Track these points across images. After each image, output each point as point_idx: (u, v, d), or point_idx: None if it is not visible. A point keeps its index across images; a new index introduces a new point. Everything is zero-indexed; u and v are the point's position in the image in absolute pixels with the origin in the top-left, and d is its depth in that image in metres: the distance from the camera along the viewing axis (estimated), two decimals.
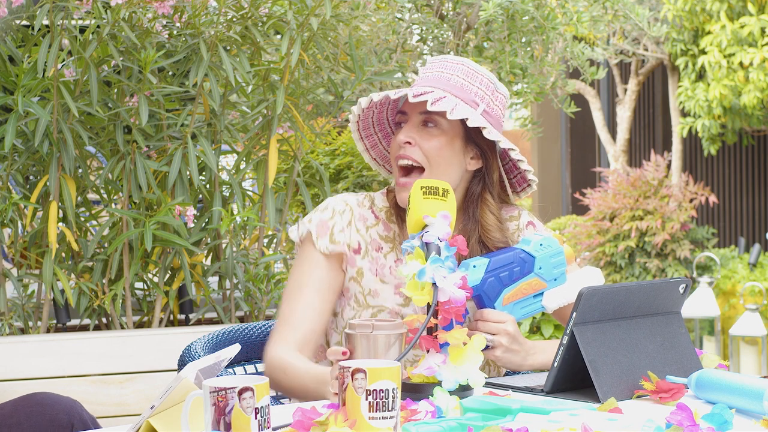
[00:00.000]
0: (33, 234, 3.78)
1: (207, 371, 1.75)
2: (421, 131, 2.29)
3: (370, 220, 2.33)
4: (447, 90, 2.28)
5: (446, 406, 1.84)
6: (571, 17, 4.23)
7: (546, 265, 2.22)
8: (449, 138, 2.29)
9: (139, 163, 3.71)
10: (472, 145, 2.31)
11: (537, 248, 2.22)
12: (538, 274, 2.21)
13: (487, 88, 2.31)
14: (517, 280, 2.20)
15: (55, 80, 3.58)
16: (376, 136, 2.44)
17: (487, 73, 2.32)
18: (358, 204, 2.34)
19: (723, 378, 1.91)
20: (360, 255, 2.30)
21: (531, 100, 4.30)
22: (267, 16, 3.78)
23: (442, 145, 2.28)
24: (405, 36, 4.39)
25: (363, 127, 2.41)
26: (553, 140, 10.48)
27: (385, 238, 2.32)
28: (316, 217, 2.32)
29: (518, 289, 2.20)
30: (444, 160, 2.28)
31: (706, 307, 6.62)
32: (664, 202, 7.51)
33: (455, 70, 2.31)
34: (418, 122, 2.29)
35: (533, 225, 2.40)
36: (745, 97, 7.30)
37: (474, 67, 2.31)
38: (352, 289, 2.30)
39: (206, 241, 3.94)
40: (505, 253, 2.21)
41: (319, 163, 4.58)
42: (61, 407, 2.24)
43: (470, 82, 2.29)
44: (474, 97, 2.28)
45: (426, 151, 2.28)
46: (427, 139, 2.28)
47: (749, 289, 6.83)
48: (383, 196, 2.37)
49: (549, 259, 2.22)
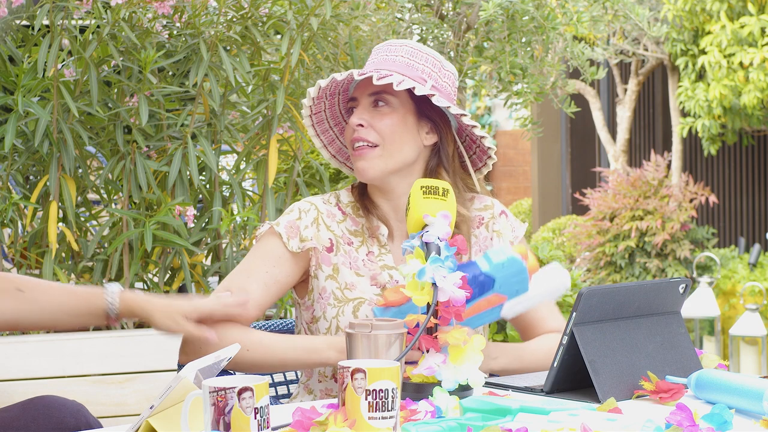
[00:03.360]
0: (33, 234, 3.78)
1: (206, 371, 1.75)
2: (372, 112, 2.29)
3: (338, 216, 2.33)
4: (393, 69, 2.27)
5: (446, 406, 1.84)
6: (571, 17, 4.23)
7: (507, 284, 2.11)
8: (401, 115, 2.29)
9: (139, 163, 3.71)
10: (425, 120, 2.31)
11: (498, 269, 2.10)
12: (497, 290, 2.12)
13: (434, 66, 2.30)
14: (475, 299, 2.09)
15: (55, 80, 3.58)
16: (332, 131, 2.43)
17: (433, 52, 2.32)
18: (323, 202, 2.34)
19: (723, 378, 1.91)
20: (333, 252, 2.30)
21: (531, 100, 4.29)
22: (267, 16, 3.78)
23: (394, 122, 2.28)
24: (405, 36, 4.39)
25: (317, 122, 2.39)
26: (553, 140, 10.48)
27: (353, 233, 2.32)
28: (284, 219, 2.31)
29: (475, 306, 2.11)
30: (398, 137, 2.28)
31: (706, 307, 6.61)
32: (664, 202, 7.51)
33: (399, 51, 2.31)
34: (369, 104, 2.30)
35: (505, 215, 2.39)
36: (745, 97, 7.30)
37: (418, 47, 2.31)
38: (329, 287, 2.28)
39: (206, 241, 3.94)
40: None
41: (319, 163, 4.58)
42: (68, 411, 2.24)
43: (415, 61, 2.29)
44: (421, 74, 2.28)
45: (379, 130, 2.28)
46: (379, 119, 2.28)
47: (749, 289, 6.83)
48: (348, 192, 2.38)
49: (510, 278, 2.11)
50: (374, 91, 2.29)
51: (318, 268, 2.30)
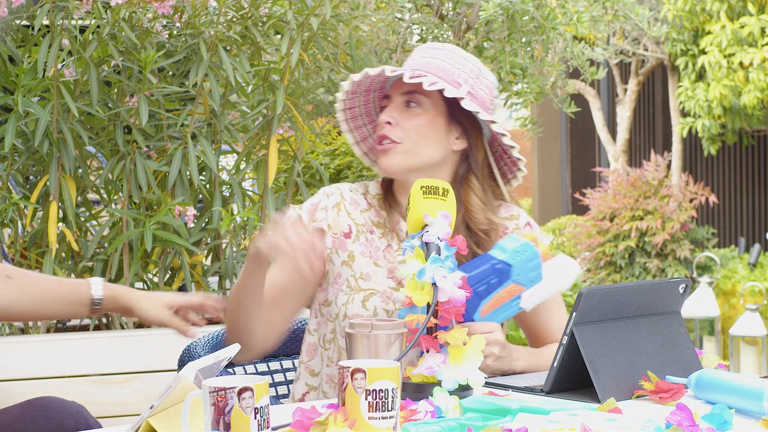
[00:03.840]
0: (33, 234, 3.78)
1: (206, 371, 1.75)
2: (403, 111, 2.29)
3: (362, 205, 2.34)
4: (428, 71, 2.27)
5: (446, 406, 1.84)
6: (571, 17, 4.23)
7: (523, 271, 2.16)
8: (431, 117, 2.28)
9: (139, 163, 3.71)
10: (456, 125, 2.30)
11: (513, 256, 2.15)
12: (515, 280, 2.16)
13: (471, 72, 2.30)
14: (494, 291, 2.15)
15: (55, 80, 3.58)
16: (365, 129, 2.43)
17: (473, 58, 2.31)
18: (350, 189, 2.36)
19: (723, 378, 1.91)
20: (351, 239, 2.30)
21: (531, 100, 4.29)
22: (267, 16, 3.78)
23: (422, 124, 2.27)
24: (405, 36, 4.39)
25: (351, 117, 2.40)
26: (553, 140, 10.48)
27: (376, 224, 2.32)
28: (307, 203, 2.34)
29: (496, 298, 2.15)
30: (423, 138, 2.27)
31: (706, 307, 6.62)
32: (664, 202, 7.51)
33: (437, 54, 2.31)
34: (401, 103, 2.29)
35: (530, 226, 2.38)
36: (745, 97, 7.30)
37: (458, 51, 2.31)
38: (345, 274, 2.29)
39: (206, 241, 3.94)
40: (482, 266, 2.15)
41: (319, 163, 4.58)
42: (68, 412, 2.24)
43: (452, 65, 2.29)
44: (456, 78, 2.28)
45: (406, 130, 2.27)
46: (408, 119, 2.28)
47: (749, 289, 6.83)
48: (376, 184, 2.38)
49: (526, 264, 2.16)
50: (407, 90, 2.29)
51: (334, 252, 2.30)
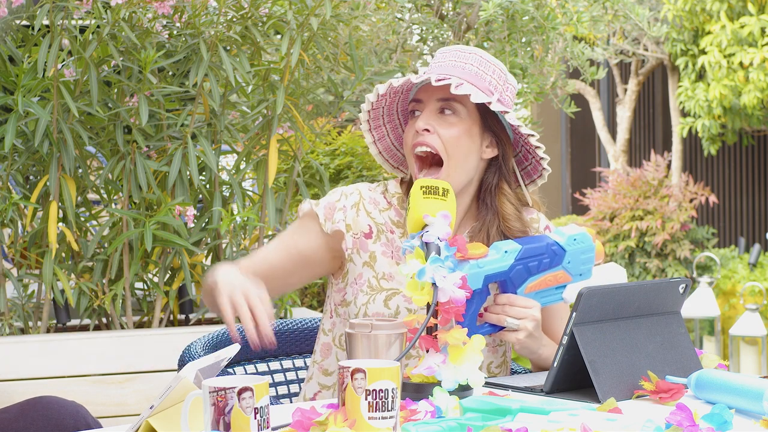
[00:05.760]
0: (33, 234, 3.78)
1: (207, 371, 1.75)
2: (439, 119, 2.25)
3: (382, 204, 2.31)
4: (463, 78, 2.24)
5: (446, 406, 1.84)
6: (571, 17, 4.23)
7: (575, 260, 2.19)
8: (467, 126, 2.25)
9: (139, 163, 3.71)
10: (489, 133, 2.28)
11: (570, 242, 2.19)
12: (565, 267, 2.18)
13: (499, 78, 2.28)
14: (544, 271, 2.17)
15: (55, 80, 3.58)
16: (385, 128, 2.39)
17: (499, 63, 2.29)
18: (369, 189, 2.33)
19: (723, 378, 1.91)
20: (372, 239, 2.28)
21: (531, 100, 4.30)
22: (267, 16, 3.78)
23: (461, 134, 2.24)
24: (405, 36, 4.39)
25: (372, 117, 2.36)
26: (553, 140, 10.48)
27: (396, 223, 2.30)
28: (324, 200, 2.31)
29: (543, 279, 2.17)
30: (462, 149, 2.25)
31: (706, 307, 6.62)
32: (664, 202, 7.51)
33: (469, 59, 2.27)
34: (435, 109, 2.26)
35: (549, 229, 2.38)
36: (745, 97, 7.30)
37: (487, 56, 2.28)
38: (366, 275, 2.27)
39: (206, 241, 3.94)
40: (538, 243, 2.17)
41: (319, 163, 4.58)
42: (67, 412, 2.24)
43: (484, 71, 2.26)
44: (488, 86, 2.25)
45: (445, 140, 2.24)
46: (446, 127, 2.24)
47: (749, 289, 6.83)
48: (396, 183, 2.35)
49: (579, 254, 2.19)
50: (443, 97, 2.25)
51: (355, 252, 2.28)
